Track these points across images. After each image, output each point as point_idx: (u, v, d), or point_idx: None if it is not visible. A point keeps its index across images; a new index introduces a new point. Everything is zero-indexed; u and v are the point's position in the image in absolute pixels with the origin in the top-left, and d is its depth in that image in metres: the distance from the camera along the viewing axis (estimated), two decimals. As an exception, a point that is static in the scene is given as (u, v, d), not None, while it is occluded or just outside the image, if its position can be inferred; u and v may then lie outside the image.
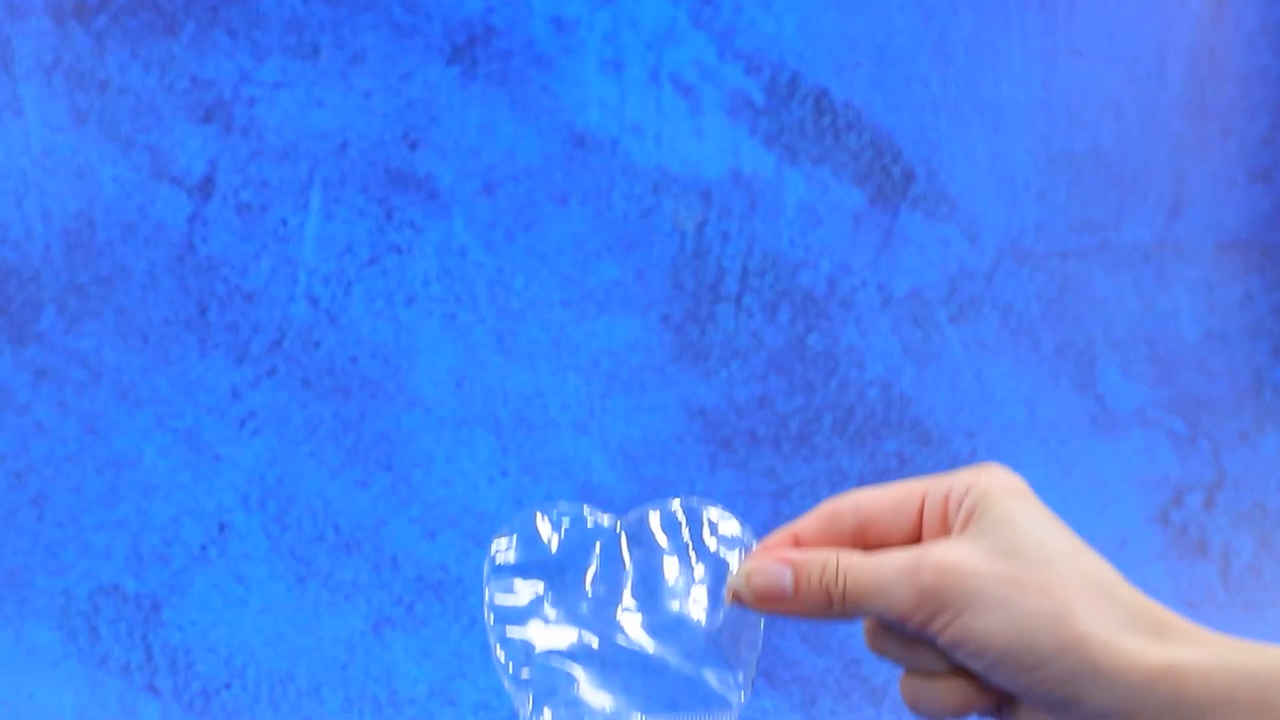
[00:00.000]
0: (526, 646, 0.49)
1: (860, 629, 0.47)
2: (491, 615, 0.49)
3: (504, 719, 1.04)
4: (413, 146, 1.06)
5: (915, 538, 0.46)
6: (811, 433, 1.10)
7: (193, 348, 1.04)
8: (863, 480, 1.10)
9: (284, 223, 1.05)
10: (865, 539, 0.46)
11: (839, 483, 1.09)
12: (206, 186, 1.04)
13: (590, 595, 0.49)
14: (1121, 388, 1.11)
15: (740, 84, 1.08)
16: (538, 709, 0.48)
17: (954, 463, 1.09)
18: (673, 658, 0.48)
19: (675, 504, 0.50)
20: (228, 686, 1.03)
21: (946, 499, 0.45)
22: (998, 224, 1.09)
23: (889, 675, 1.07)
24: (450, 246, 1.06)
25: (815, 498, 1.08)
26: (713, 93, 1.07)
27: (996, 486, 0.43)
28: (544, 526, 0.50)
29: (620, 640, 0.49)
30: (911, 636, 0.45)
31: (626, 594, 0.49)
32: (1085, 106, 1.10)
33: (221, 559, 1.04)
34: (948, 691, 0.45)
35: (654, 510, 0.50)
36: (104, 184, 1.03)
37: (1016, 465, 0.46)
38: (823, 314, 1.08)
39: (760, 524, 1.11)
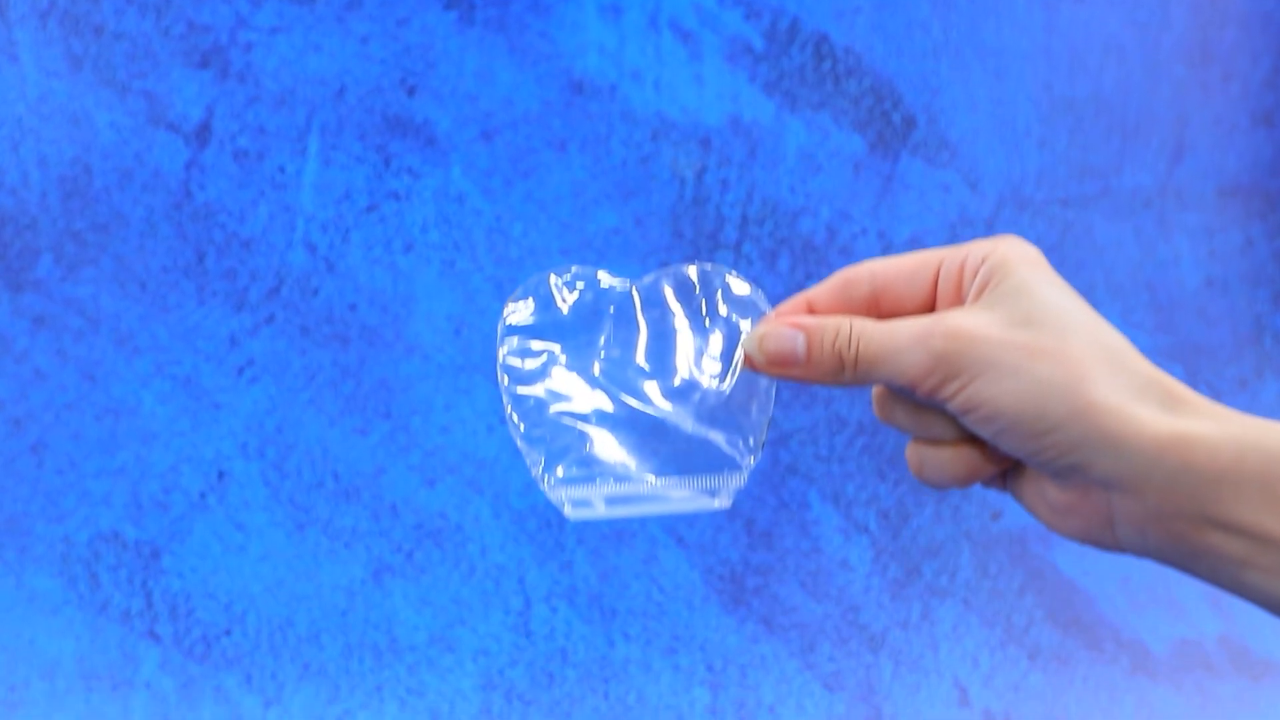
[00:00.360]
0: (539, 405, 0.49)
1: (856, 580, 0.47)
2: (505, 376, 0.49)
3: (503, 665, 1.04)
4: (410, 92, 1.05)
5: (929, 307, 0.46)
6: (810, 381, 1.09)
7: (191, 295, 1.03)
8: (861, 428, 1.10)
9: (281, 169, 1.04)
10: (879, 308, 0.46)
11: (838, 430, 1.09)
12: (203, 133, 1.03)
13: (603, 357, 0.49)
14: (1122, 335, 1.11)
15: (740, 30, 1.07)
16: (550, 468, 0.49)
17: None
18: (684, 420, 0.49)
19: (690, 268, 0.50)
20: (228, 633, 1.03)
21: (962, 267, 0.44)
22: (998, 171, 1.09)
23: (887, 622, 1.07)
24: (448, 193, 1.05)
25: (814, 445, 1.08)
26: (712, 39, 1.07)
27: (1013, 255, 0.43)
28: (558, 288, 0.50)
29: (632, 401, 0.49)
30: (921, 404, 0.45)
31: (639, 356, 0.49)
32: (1088, 51, 1.09)
33: (221, 506, 1.04)
34: (954, 459, 0.45)
35: (669, 274, 0.50)
36: (100, 130, 1.02)
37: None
38: (823, 261, 1.08)
39: (759, 474, 1.11)
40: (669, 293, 0.50)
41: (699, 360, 0.49)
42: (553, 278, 0.50)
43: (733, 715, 1.03)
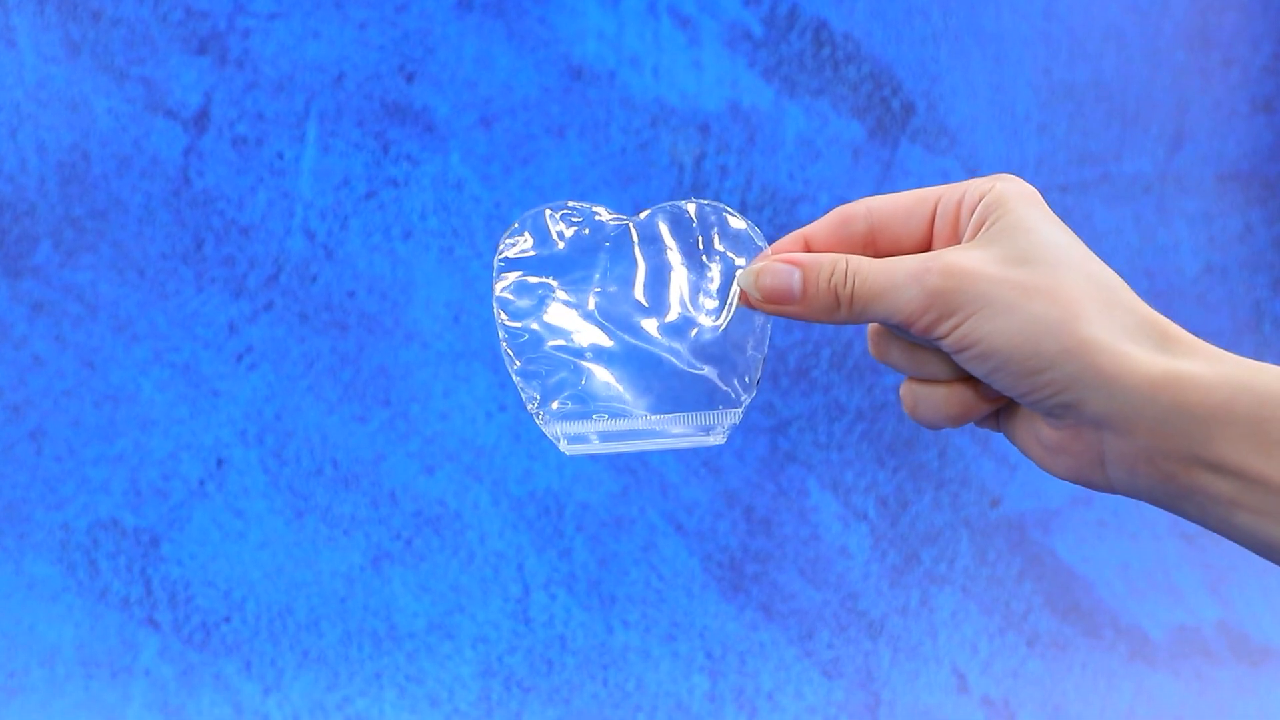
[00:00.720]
0: (535, 340, 0.49)
1: (855, 567, 0.47)
2: (500, 310, 0.49)
3: (502, 652, 1.04)
4: (409, 79, 1.05)
5: (926, 245, 0.46)
6: (809, 367, 1.09)
7: (189, 282, 1.03)
8: (860, 415, 1.10)
9: (280, 156, 1.04)
10: (876, 246, 0.46)
11: (837, 417, 1.09)
12: (201, 119, 1.03)
13: (600, 292, 0.49)
14: (1120, 322, 1.11)
15: (739, 15, 1.07)
16: (545, 403, 0.49)
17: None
18: (680, 356, 0.49)
19: (688, 204, 0.50)
20: (227, 620, 1.03)
21: (959, 205, 0.44)
22: (998, 157, 1.09)
23: (886, 609, 1.07)
24: (447, 180, 1.05)
25: (813, 432, 1.08)
26: (711, 24, 1.06)
27: (1010, 192, 0.43)
28: (554, 223, 0.50)
29: (629, 337, 0.49)
30: (916, 342, 0.45)
31: (636, 292, 0.49)
32: (1087, 36, 1.09)
33: (220, 493, 1.04)
34: (948, 398, 0.45)
35: (666, 210, 0.50)
36: (98, 116, 1.02)
37: (1012, 401, 0.45)
38: (821, 248, 1.08)
39: (758, 460, 1.11)
40: (666, 229, 0.50)
41: (695, 296, 0.49)
42: (549, 212, 0.50)
43: (731, 702, 1.03)
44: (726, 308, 0.49)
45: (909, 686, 1.05)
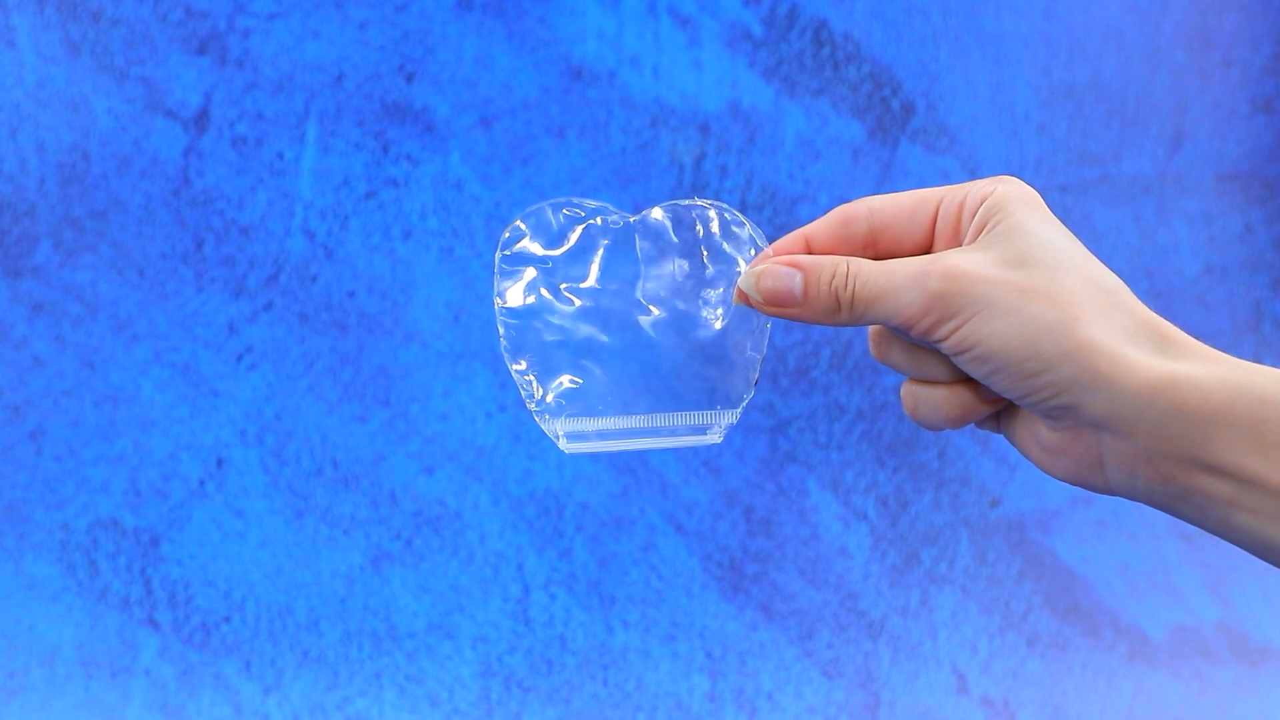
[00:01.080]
0: (534, 336, 0.49)
1: (855, 567, 0.47)
2: (501, 307, 0.49)
3: (502, 652, 1.04)
4: (409, 79, 1.05)
5: (926, 247, 0.46)
6: (809, 368, 1.09)
7: (189, 282, 1.03)
8: (860, 415, 1.10)
9: (280, 156, 1.04)
10: (877, 247, 0.46)
11: (837, 417, 1.09)
12: (201, 119, 1.03)
13: (600, 289, 0.49)
14: (1120, 322, 1.11)
15: (739, 15, 1.07)
16: (543, 400, 0.49)
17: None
18: (679, 355, 0.49)
19: (689, 203, 0.50)
20: (227, 620, 1.03)
21: (961, 207, 0.44)
22: (997, 157, 1.09)
23: (885, 609, 1.07)
24: (447, 180, 1.05)
25: (813, 433, 1.08)
26: (711, 24, 1.06)
27: (1011, 195, 0.43)
28: (555, 220, 0.50)
29: (628, 335, 0.49)
30: (916, 344, 0.45)
31: (636, 290, 0.49)
32: (1087, 37, 1.09)
33: (220, 494, 1.04)
34: (948, 400, 0.45)
35: (667, 209, 0.50)
36: (98, 116, 1.02)
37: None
38: (821, 248, 1.08)
39: (758, 460, 1.11)
40: (666, 228, 0.50)
41: (695, 296, 0.49)
42: (550, 210, 0.50)
43: (731, 702, 1.03)
44: (726, 307, 0.49)
45: (909, 687, 1.05)
